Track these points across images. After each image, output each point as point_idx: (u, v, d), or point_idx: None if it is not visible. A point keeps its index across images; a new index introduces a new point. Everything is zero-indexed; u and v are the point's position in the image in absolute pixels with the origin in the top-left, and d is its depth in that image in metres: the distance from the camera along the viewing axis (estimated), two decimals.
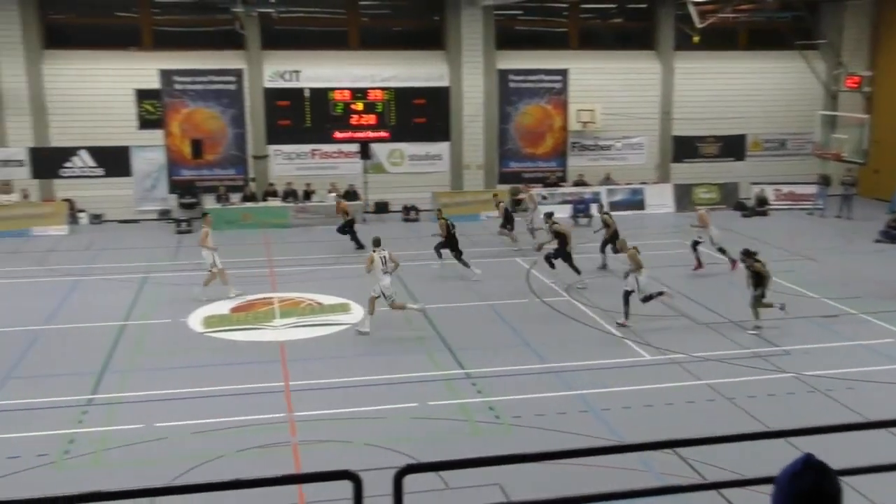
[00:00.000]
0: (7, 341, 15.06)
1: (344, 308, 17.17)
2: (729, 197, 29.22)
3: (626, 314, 15.58)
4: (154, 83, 26.02)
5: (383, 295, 15.36)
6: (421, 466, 2.84)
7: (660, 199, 29.05)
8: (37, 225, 24.63)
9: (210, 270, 17.85)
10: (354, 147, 27.50)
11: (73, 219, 25.83)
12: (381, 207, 27.93)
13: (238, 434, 11.19)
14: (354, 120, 27.27)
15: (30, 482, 9.81)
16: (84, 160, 26.34)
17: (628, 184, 29.26)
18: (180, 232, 24.83)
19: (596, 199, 27.91)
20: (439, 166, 28.72)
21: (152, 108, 26.55)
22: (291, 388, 12.87)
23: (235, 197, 26.60)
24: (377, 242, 15.97)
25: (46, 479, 9.90)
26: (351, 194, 27.13)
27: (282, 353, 14.51)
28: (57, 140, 26.29)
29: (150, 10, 27.34)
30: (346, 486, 2.68)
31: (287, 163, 27.70)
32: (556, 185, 28.80)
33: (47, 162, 26.12)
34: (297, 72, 27.44)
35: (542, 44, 30.06)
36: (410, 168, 28.35)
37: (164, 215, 26.49)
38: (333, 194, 25.83)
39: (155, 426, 11.42)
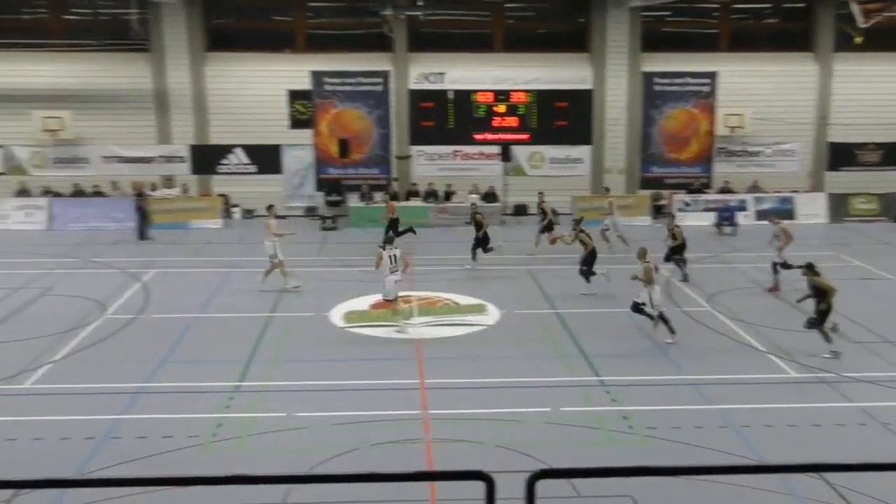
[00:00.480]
0: (166, 327, 16.03)
1: (480, 309, 17.28)
2: (890, 208, 27.50)
3: (667, 326, 14.98)
4: (305, 84, 27.03)
5: (387, 296, 15.80)
6: (555, 472, 2.84)
7: (812, 208, 27.69)
8: (194, 218, 26.10)
9: (271, 261, 18.45)
10: (495, 149, 27.63)
11: (227, 213, 27.23)
12: (520, 210, 27.95)
13: (374, 428, 11.47)
14: (496, 122, 27.39)
15: (180, 461, 10.41)
16: (239, 157, 27.70)
17: (777, 192, 28.03)
18: (325, 229, 25.69)
19: (741, 206, 26.90)
20: (579, 170, 28.44)
21: (303, 108, 27.59)
22: (426, 385, 13.07)
23: (378, 196, 27.27)
24: (389, 240, 16.36)
25: (195, 460, 10.48)
26: (490, 196, 27.31)
27: (418, 351, 14.77)
28: (215, 138, 27.78)
29: (304, 14, 28.46)
30: (477, 487, 2.71)
31: (429, 163, 28.16)
32: (699, 191, 27.95)
33: (206, 159, 27.64)
34: (441, 74, 27.85)
35: (690, 45, 29.26)
36: (550, 171, 28.21)
37: (311, 212, 27.48)
38: (475, 196, 26.06)
39: (296, 416, 11.87)
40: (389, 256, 15.82)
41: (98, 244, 23.54)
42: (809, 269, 14.65)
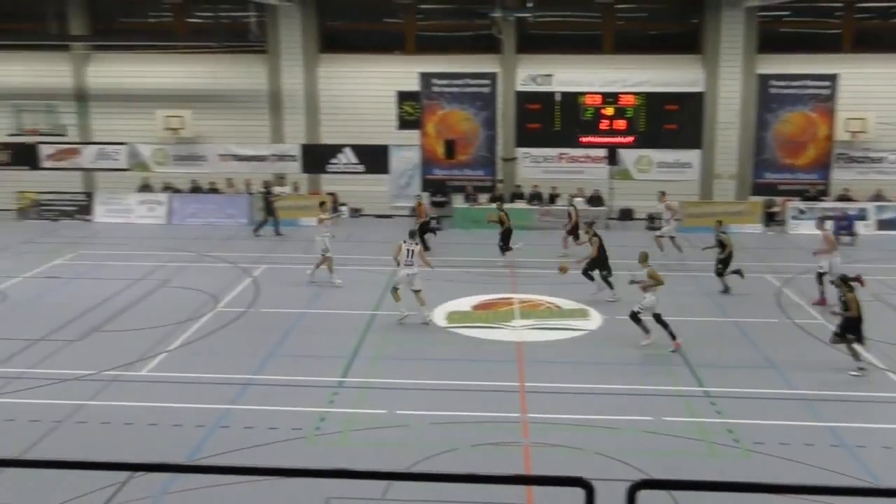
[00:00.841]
0: (274, 321, 16.53)
1: (583, 313, 17.12)
2: None
3: (672, 335, 14.61)
4: (414, 85, 27.36)
5: (396, 283, 16.29)
6: (657, 483, 2.80)
7: None
8: (304, 216, 26.76)
9: (322, 255, 18.90)
10: (602, 152, 27.29)
11: (335, 211, 27.80)
12: (625, 214, 27.53)
13: (473, 429, 11.52)
14: (603, 125, 27.04)
15: (284, 453, 10.71)
16: (348, 157, 28.28)
17: None
18: (430, 229, 25.90)
19: (861, 215, 25.72)
20: (688, 174, 27.79)
21: (411, 109, 27.94)
22: (526, 389, 13.04)
23: (483, 197, 27.34)
24: (411, 234, 16.95)
25: (298, 452, 10.76)
26: (595, 199, 27.01)
27: (519, 354, 14.74)
28: (326, 138, 28.45)
29: (414, 17, 28.83)
30: (576, 494, 2.70)
31: (534, 166, 28.07)
32: (816, 199, 26.87)
33: (316, 158, 28.34)
34: (549, 76, 27.72)
35: (809, 46, 28.16)
36: (658, 175, 27.66)
37: (416, 212, 27.77)
38: (580, 199, 25.84)
39: (397, 413, 12.03)
40: (407, 250, 16.26)
41: (213, 239, 24.46)
42: (844, 282, 14.07)
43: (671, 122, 27.00)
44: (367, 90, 28.08)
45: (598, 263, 18.06)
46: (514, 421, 11.81)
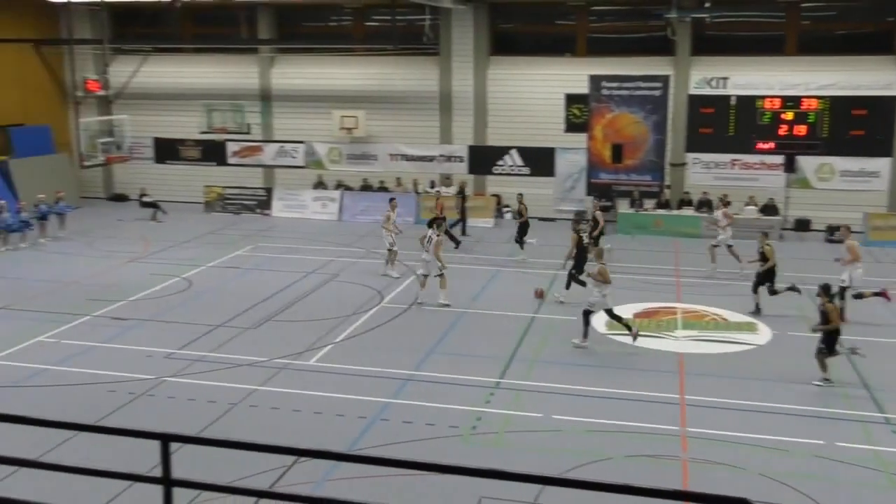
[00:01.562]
0: (435, 319, 16.88)
1: (750, 327, 16.41)
2: None
3: (584, 328, 15.02)
4: (583, 88, 27.09)
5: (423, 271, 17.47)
6: None
7: None
8: (469, 216, 27.10)
9: (389, 249, 19.96)
10: (778, 159, 26.00)
11: (498, 213, 28.04)
12: (802, 225, 26.08)
13: (629, 439, 11.31)
14: (782, 130, 25.73)
15: (440, 449, 10.92)
16: (514, 159, 28.41)
17: None
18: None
19: None
20: (875, 184, 25.98)
21: (579, 112, 27.70)
22: (687, 401, 12.66)
23: (649, 203, 26.73)
24: (437, 224, 19.00)
25: (454, 450, 10.95)
26: (769, 209, 25.78)
27: (680, 365, 14.33)
28: (492, 139, 28.70)
29: (587, 19, 28.57)
30: None
31: (704, 172, 27.13)
32: None
33: (483, 159, 28.65)
34: (724, 78, 26.70)
35: None
36: (840, 184, 26.05)
37: (579, 216, 27.52)
38: (751, 207, 24.74)
39: (552, 418, 12.00)
40: (427, 236, 17.91)
41: (380, 236, 25.21)
42: (825, 291, 13.48)
43: (858, 127, 25.29)
44: (535, 92, 28.09)
45: (578, 261, 18.20)
46: (673, 434, 11.50)
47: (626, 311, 17.39)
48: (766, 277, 17.25)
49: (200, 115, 29.36)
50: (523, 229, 22.24)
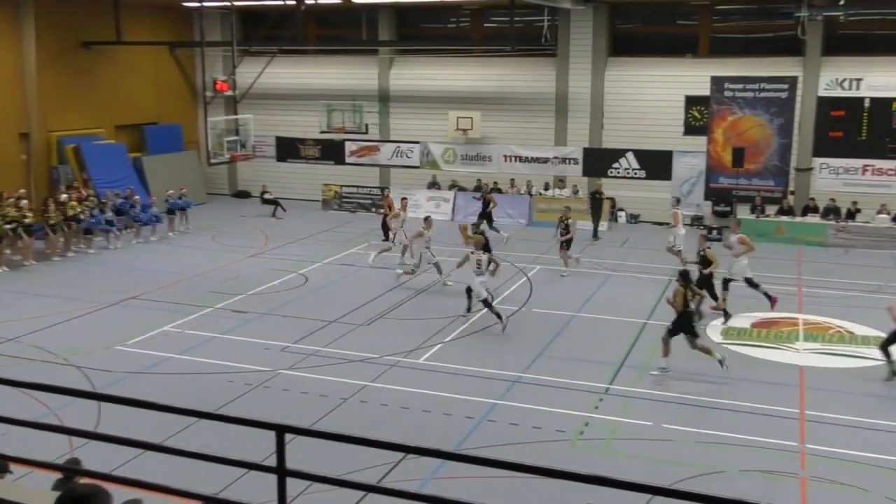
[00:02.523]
0: (545, 322, 16.78)
1: (879, 342, 15.58)
2: None
3: (467, 303, 16.76)
4: (704, 90, 26.39)
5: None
6: None
7: None
8: (581, 219, 26.81)
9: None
10: None
11: (612, 216, 27.62)
12: None
13: (743, 452, 10.95)
14: None
15: (547, 453, 10.85)
16: (629, 162, 27.93)
17: None
18: (710, 239, 24.85)
19: None
20: None
21: (699, 114, 27.00)
22: (807, 417, 12.15)
23: (771, 209, 25.77)
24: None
25: (560, 454, 10.86)
26: None
27: (801, 379, 13.76)
28: (608, 142, 28.30)
29: (710, 18, 27.79)
30: None
31: (832, 177, 25.94)
32: None
33: (597, 162, 28.28)
34: (858, 80, 25.45)
35: None
36: None
37: (697, 221, 26.82)
38: (884, 216, 23.51)
39: (663, 426, 11.74)
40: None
41: (493, 237, 25.20)
42: (682, 277, 13.88)
43: None
44: (654, 94, 27.52)
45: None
46: (791, 450, 11.06)
47: (742, 320, 16.86)
48: (704, 282, 16.58)
49: (320, 115, 30.15)
50: (488, 217, 24.13)
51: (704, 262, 17.07)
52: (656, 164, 27.52)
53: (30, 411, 10.89)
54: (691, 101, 26.96)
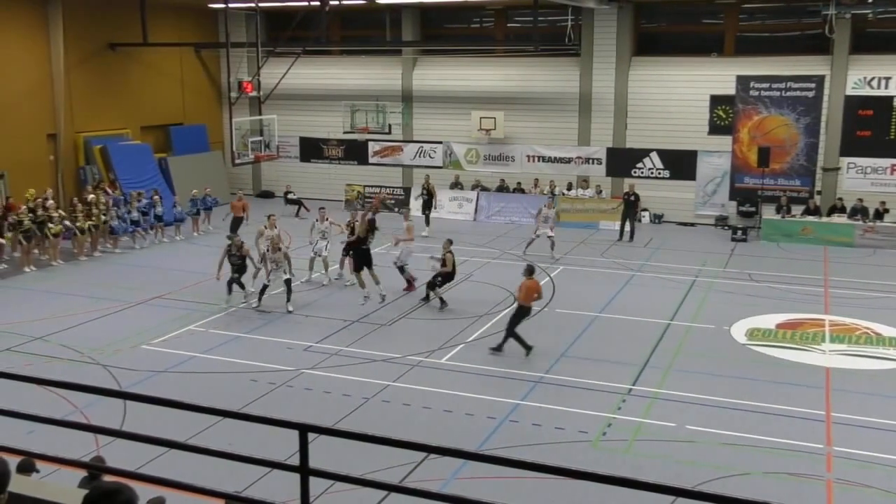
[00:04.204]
0: (568, 322, 16.74)
1: None
2: None
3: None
4: (730, 89, 26.19)
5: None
6: None
7: None
8: (603, 219, 26.76)
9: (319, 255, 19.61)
10: None
11: (637, 216, 27.45)
12: None
13: (768, 454, 10.86)
14: None
15: (569, 454, 10.82)
16: (653, 162, 27.78)
17: None
18: (735, 240, 24.72)
19: None
20: None
21: (724, 113, 26.81)
22: (833, 419, 12.02)
23: (797, 209, 25.52)
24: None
25: (582, 455, 10.82)
26: None
27: (827, 380, 13.62)
28: (631, 141, 28.15)
29: (736, 17, 27.57)
30: None
31: (860, 177, 25.65)
32: None
33: (621, 161, 28.16)
34: (887, 78, 25.14)
35: None
36: None
37: (721, 221, 26.62)
38: None
39: (686, 428, 11.67)
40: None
41: (514, 238, 25.23)
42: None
43: None
44: (678, 93, 27.34)
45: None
46: (817, 452, 10.95)
47: (767, 321, 16.72)
48: (445, 280, 17.82)
49: (344, 115, 30.24)
50: (428, 205, 25.56)
51: (444, 264, 17.92)
52: (680, 164, 27.36)
53: (57, 409, 11.03)
54: (716, 101, 26.78)
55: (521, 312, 14.86)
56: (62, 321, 16.57)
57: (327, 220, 20.26)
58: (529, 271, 15.13)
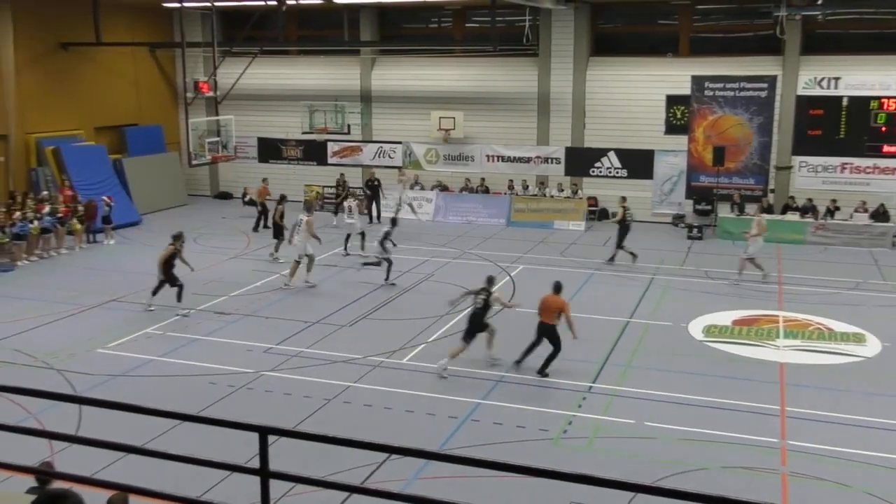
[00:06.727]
0: (529, 321, 16.77)
1: (858, 339, 15.76)
2: None
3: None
4: (685, 89, 26.54)
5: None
6: None
7: None
8: (559, 219, 26.95)
9: (308, 256, 19.40)
10: (893, 163, 24.87)
11: (591, 216, 27.70)
12: None
13: (725, 449, 11.03)
14: None
15: (530, 452, 10.89)
16: (611, 161, 28.04)
17: None
18: (691, 238, 25.07)
19: None
20: None
21: (680, 113, 27.15)
22: (788, 413, 12.26)
23: (751, 208, 25.94)
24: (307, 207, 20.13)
25: (544, 453, 10.89)
26: (880, 215, 24.66)
27: (781, 375, 13.88)
28: (589, 141, 28.39)
29: (690, 18, 27.95)
30: None
31: (811, 175, 26.17)
32: None
33: (579, 161, 28.38)
34: (836, 79, 25.68)
35: None
36: None
37: (678, 220, 26.97)
38: (862, 214, 23.69)
39: (645, 424, 11.81)
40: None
41: (474, 237, 25.30)
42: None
43: None
44: (635, 94, 27.64)
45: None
46: (772, 446, 11.16)
47: (723, 317, 16.98)
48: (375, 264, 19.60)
49: (302, 116, 30.06)
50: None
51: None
52: (638, 164, 27.67)
53: (9, 415, 10.81)
54: (672, 101, 27.12)
55: (543, 331, 13.93)
56: (14, 326, 16.24)
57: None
58: (557, 288, 14.16)
